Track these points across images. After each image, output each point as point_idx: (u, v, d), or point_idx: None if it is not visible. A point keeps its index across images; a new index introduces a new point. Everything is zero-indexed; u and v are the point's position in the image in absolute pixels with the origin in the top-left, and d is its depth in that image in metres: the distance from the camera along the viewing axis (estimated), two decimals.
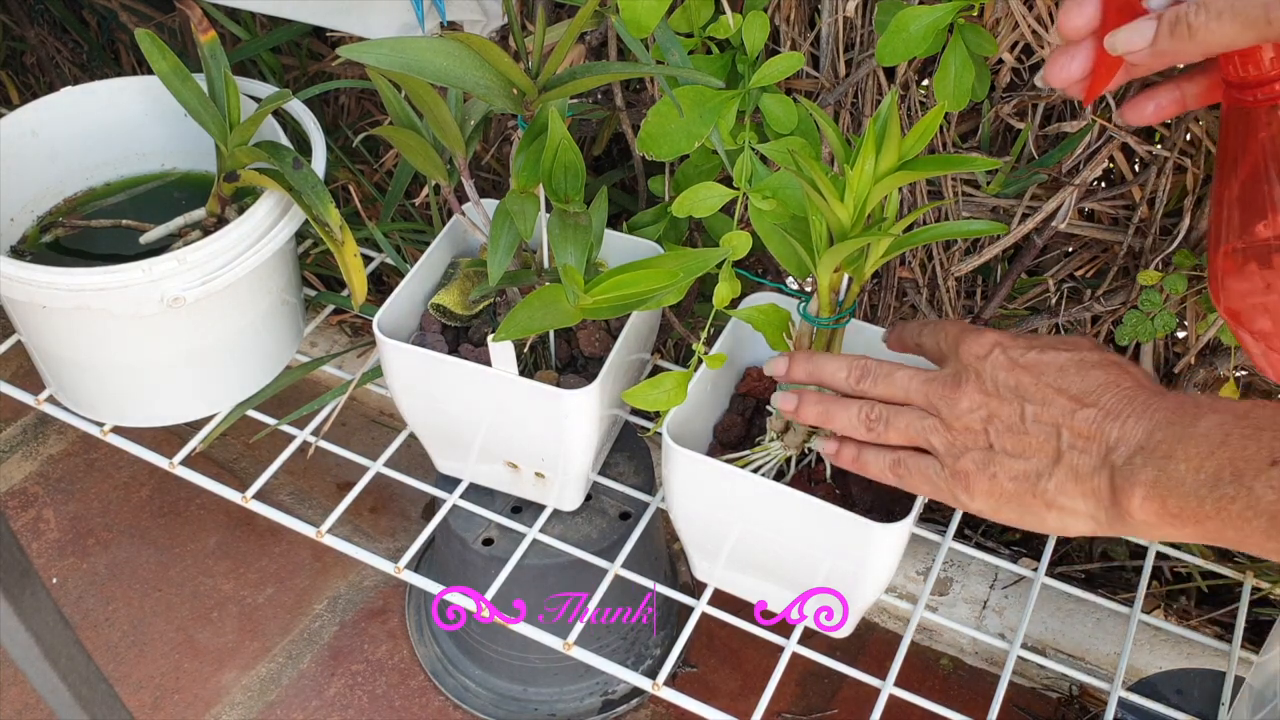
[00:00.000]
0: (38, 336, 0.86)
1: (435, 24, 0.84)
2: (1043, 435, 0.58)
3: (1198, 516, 0.52)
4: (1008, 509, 0.60)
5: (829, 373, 0.67)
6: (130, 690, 1.08)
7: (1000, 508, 0.60)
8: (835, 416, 0.66)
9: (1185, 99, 0.58)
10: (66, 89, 0.92)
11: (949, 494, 0.62)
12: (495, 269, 0.73)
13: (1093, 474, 0.56)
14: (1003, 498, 0.60)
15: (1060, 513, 0.58)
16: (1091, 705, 1.06)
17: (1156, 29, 0.52)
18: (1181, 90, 0.58)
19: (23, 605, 0.55)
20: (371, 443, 1.27)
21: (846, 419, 0.65)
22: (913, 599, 1.07)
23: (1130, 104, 0.59)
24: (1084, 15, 0.55)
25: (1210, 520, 0.52)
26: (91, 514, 1.22)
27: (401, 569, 0.83)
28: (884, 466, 0.65)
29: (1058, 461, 0.58)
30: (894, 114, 0.60)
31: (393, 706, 1.08)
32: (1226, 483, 0.51)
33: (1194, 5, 0.50)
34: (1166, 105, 0.58)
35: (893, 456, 0.64)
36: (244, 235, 0.81)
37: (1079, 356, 0.60)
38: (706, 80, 0.74)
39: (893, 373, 0.64)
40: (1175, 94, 0.58)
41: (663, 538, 1.05)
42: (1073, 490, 0.57)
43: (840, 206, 0.63)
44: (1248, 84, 0.53)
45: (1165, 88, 0.58)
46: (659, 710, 1.07)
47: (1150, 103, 0.58)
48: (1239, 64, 0.53)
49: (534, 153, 0.71)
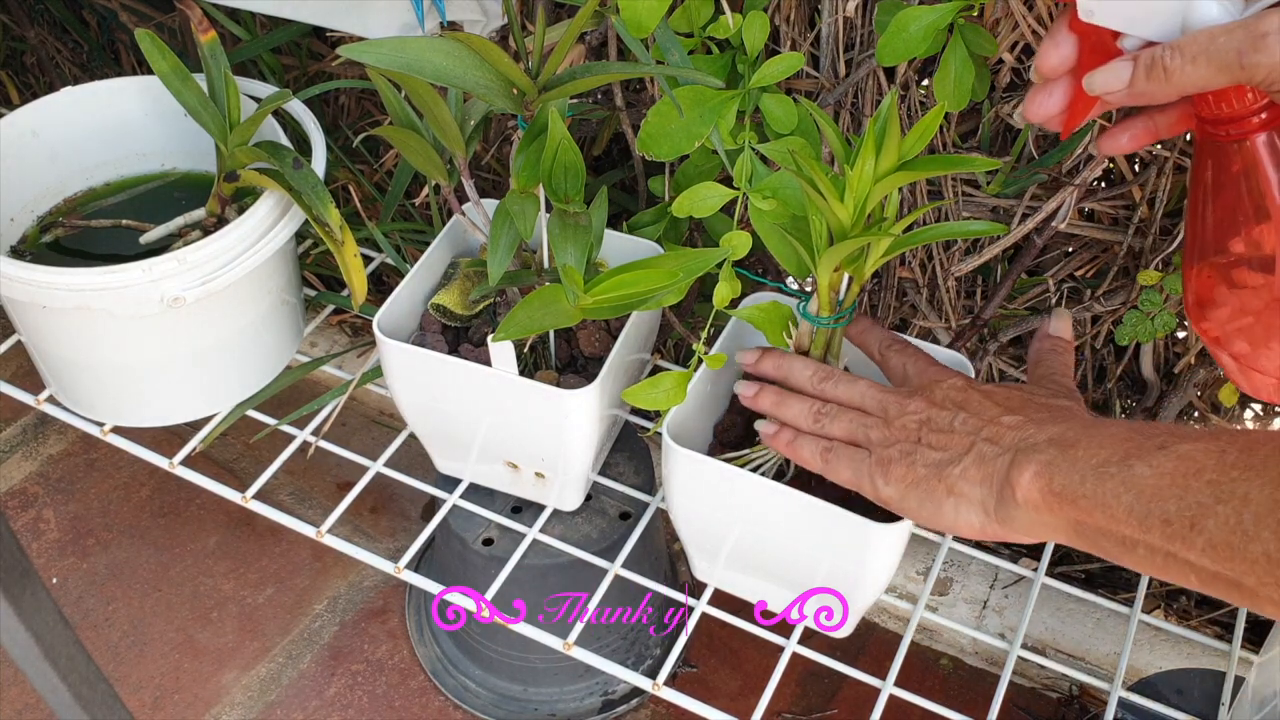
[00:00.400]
0: (38, 336, 0.86)
1: (435, 24, 0.84)
2: (964, 432, 0.62)
3: (1075, 496, 0.54)
4: (913, 495, 0.62)
5: (795, 371, 0.71)
6: (130, 690, 1.08)
7: (907, 494, 0.63)
8: (788, 406, 0.70)
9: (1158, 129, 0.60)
10: (66, 89, 0.92)
11: (868, 480, 0.65)
12: (495, 269, 0.73)
13: (995, 459, 0.59)
14: (913, 483, 0.62)
15: (956, 500, 0.60)
16: (1091, 705, 1.06)
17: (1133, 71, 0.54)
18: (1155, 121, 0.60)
19: (23, 605, 0.55)
20: (371, 443, 1.27)
21: (798, 410, 0.69)
22: (913, 599, 1.07)
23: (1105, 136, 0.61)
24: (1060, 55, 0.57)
25: (1085, 500, 0.53)
26: (91, 514, 1.22)
27: (401, 569, 0.83)
28: (815, 451, 0.68)
29: (968, 451, 0.61)
30: (894, 114, 0.61)
31: (393, 706, 1.08)
32: (1113, 464, 0.53)
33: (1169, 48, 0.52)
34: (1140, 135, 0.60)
35: (825, 444, 0.68)
36: (244, 235, 0.81)
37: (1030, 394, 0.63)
38: (706, 80, 0.74)
39: (855, 381, 0.68)
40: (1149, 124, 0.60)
41: (663, 538, 1.05)
42: (974, 475, 0.60)
43: (840, 206, 0.63)
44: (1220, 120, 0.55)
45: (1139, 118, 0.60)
46: (659, 710, 1.07)
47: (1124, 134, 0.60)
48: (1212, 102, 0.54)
49: (534, 153, 0.71)
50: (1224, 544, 0.47)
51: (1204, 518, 0.48)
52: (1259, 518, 0.46)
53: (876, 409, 0.66)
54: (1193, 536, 0.49)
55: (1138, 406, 0.98)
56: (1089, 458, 0.54)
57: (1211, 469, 0.49)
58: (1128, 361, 0.96)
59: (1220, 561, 0.48)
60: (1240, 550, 0.47)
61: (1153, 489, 0.50)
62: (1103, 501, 0.52)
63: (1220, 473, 0.49)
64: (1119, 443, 0.54)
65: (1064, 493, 0.54)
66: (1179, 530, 0.49)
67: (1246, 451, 0.49)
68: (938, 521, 0.62)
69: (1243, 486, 0.47)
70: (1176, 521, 0.49)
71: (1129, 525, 0.51)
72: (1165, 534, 0.50)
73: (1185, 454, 0.50)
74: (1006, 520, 0.58)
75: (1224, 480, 0.48)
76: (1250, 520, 0.47)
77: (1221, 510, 0.48)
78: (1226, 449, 0.49)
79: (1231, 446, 0.49)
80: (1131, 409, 0.99)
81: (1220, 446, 0.50)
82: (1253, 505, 0.47)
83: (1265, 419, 1.02)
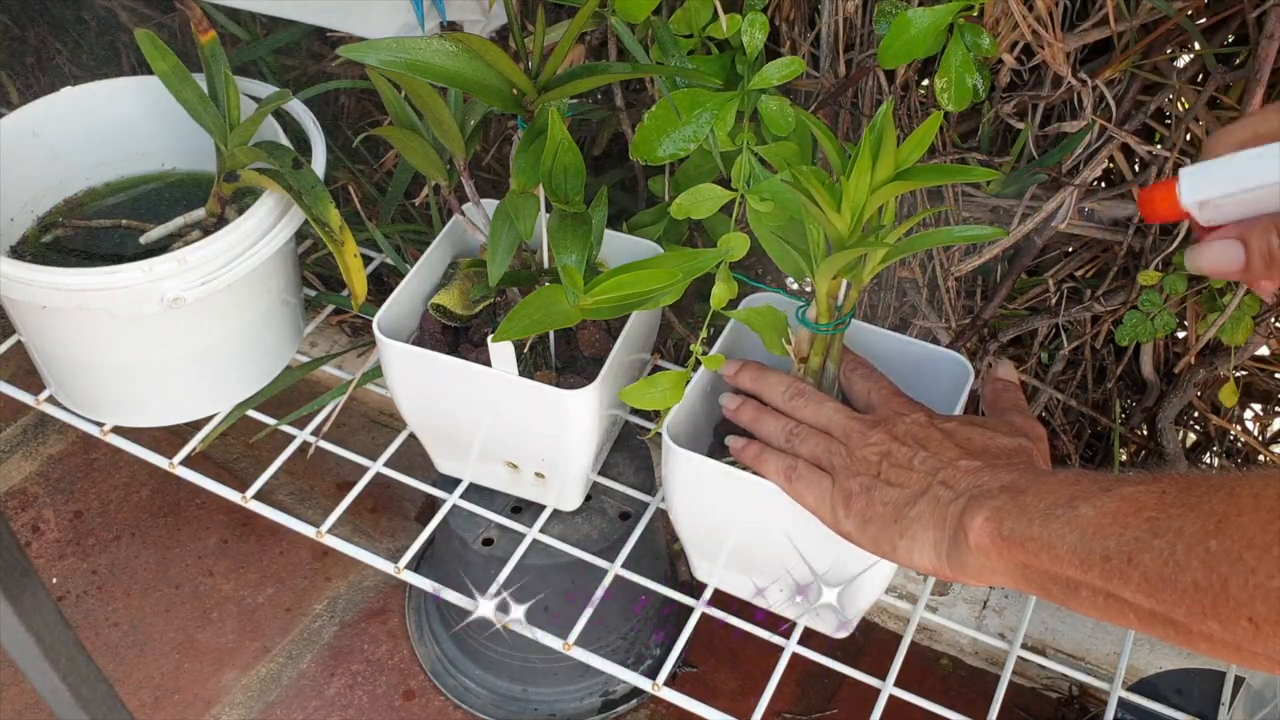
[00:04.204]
0: (38, 336, 0.86)
1: (435, 24, 0.84)
2: (923, 472, 0.63)
3: (1023, 539, 0.55)
4: (870, 530, 0.64)
5: (769, 386, 0.72)
6: (130, 690, 1.08)
7: (864, 528, 0.64)
8: (765, 423, 0.71)
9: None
10: (66, 89, 0.92)
11: (829, 508, 0.66)
12: (495, 269, 0.73)
13: (949, 504, 0.60)
14: (871, 520, 0.63)
15: (910, 541, 0.62)
16: (1091, 705, 1.06)
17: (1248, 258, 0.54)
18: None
19: (23, 605, 0.55)
20: (371, 443, 1.27)
21: (773, 427, 0.71)
22: (913, 599, 1.07)
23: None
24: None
25: (1032, 542, 0.54)
26: (91, 514, 1.22)
27: (402, 569, 0.83)
28: (780, 468, 0.69)
29: (924, 493, 0.62)
30: (889, 124, 0.60)
31: (393, 706, 1.08)
32: (1060, 507, 0.54)
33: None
34: None
35: (790, 462, 0.69)
36: (244, 235, 0.81)
37: (991, 433, 0.65)
38: (704, 82, 0.74)
39: (823, 402, 0.70)
40: None
41: (663, 538, 1.05)
42: (928, 519, 0.61)
43: (837, 216, 0.63)
44: None
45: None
46: (659, 710, 1.07)
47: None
48: None
49: (534, 153, 0.71)
50: (1157, 576, 0.48)
51: (1140, 552, 0.49)
52: (1189, 548, 0.47)
53: (841, 434, 0.67)
54: (1129, 571, 0.49)
55: (1138, 406, 0.98)
56: (1037, 502, 0.55)
57: (1152, 507, 0.50)
58: (1128, 361, 0.96)
59: (1154, 595, 0.48)
60: (1171, 581, 0.47)
61: (1094, 528, 0.51)
62: (1048, 543, 0.53)
63: (1159, 510, 0.49)
64: (1067, 486, 0.55)
65: (1012, 537, 0.55)
66: (1117, 566, 0.50)
67: (1185, 490, 0.49)
68: (893, 558, 0.63)
69: (1178, 521, 0.48)
70: (1115, 557, 0.50)
71: (1071, 566, 0.52)
72: (1104, 571, 0.50)
73: (1128, 495, 0.51)
74: (958, 565, 0.59)
75: (1161, 516, 0.49)
76: (1182, 551, 0.47)
77: (1157, 544, 0.48)
78: (1167, 489, 0.50)
79: (1172, 486, 0.50)
80: (1131, 409, 0.99)
81: (1162, 487, 0.50)
82: (1185, 537, 0.47)
83: (1265, 418, 1.02)
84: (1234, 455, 1.03)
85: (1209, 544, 0.46)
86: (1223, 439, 1.02)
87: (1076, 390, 0.99)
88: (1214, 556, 0.46)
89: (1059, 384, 0.98)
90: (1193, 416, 1.01)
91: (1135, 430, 1.01)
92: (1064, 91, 0.78)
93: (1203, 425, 1.02)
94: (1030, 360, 0.97)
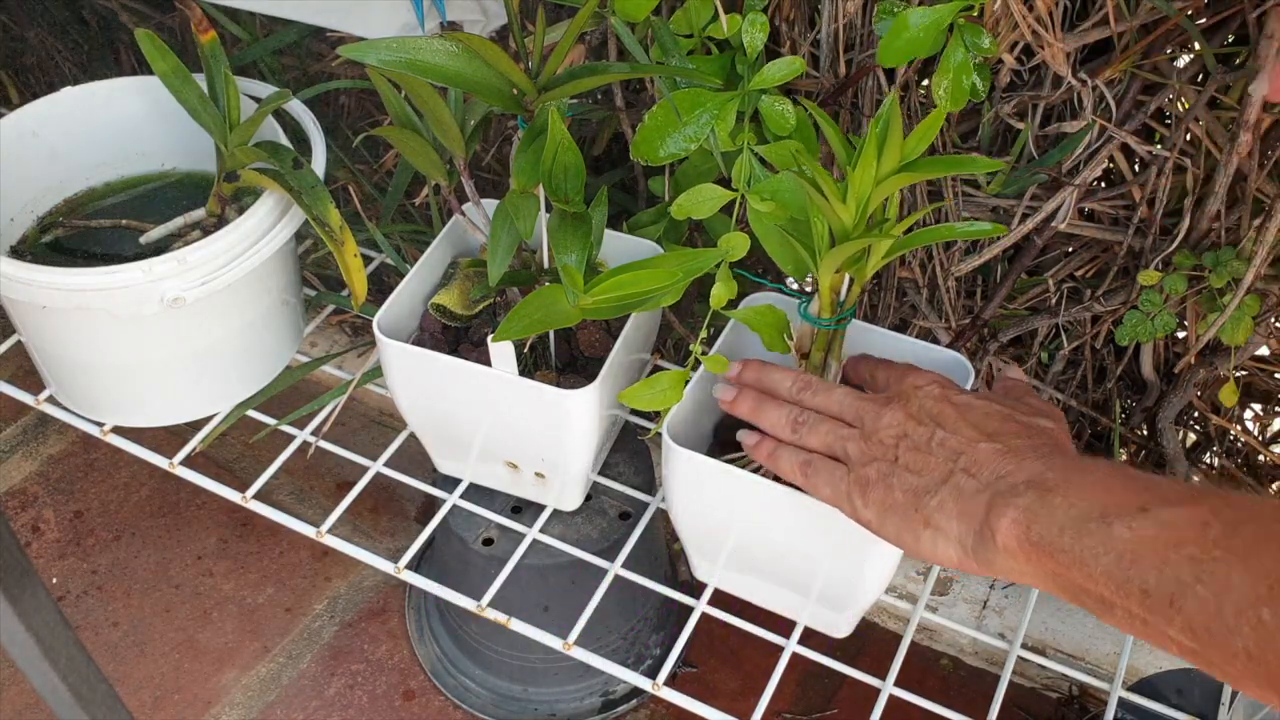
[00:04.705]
0: (38, 336, 0.86)
1: (435, 24, 0.84)
2: (942, 457, 0.60)
3: (1054, 549, 0.53)
4: (891, 520, 0.61)
5: (775, 380, 0.70)
6: (130, 690, 1.08)
7: (885, 518, 0.61)
8: (766, 413, 0.69)
9: None
10: (66, 89, 0.92)
11: (846, 499, 0.63)
12: (495, 269, 0.73)
13: (974, 495, 0.58)
14: (891, 509, 0.61)
15: (934, 532, 0.59)
16: (1091, 705, 1.06)
17: None
18: None
19: (23, 605, 0.55)
20: (371, 443, 1.27)
21: (776, 417, 0.68)
22: (913, 599, 1.07)
23: None
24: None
25: (1064, 554, 0.52)
26: (91, 514, 1.22)
27: (402, 569, 0.83)
28: (795, 464, 0.66)
29: (946, 481, 0.59)
30: (896, 116, 0.61)
31: (393, 706, 1.08)
32: (1092, 520, 0.52)
33: None
34: None
35: (804, 457, 0.66)
36: (244, 235, 0.81)
37: (1010, 410, 0.62)
38: (704, 82, 0.74)
39: (832, 389, 0.67)
40: None
41: (663, 538, 1.05)
42: (951, 509, 0.58)
43: (843, 208, 0.63)
44: None
45: None
46: (659, 710, 1.07)
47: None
48: None
49: (534, 153, 0.71)
50: (1203, 629, 0.46)
51: (1183, 597, 0.47)
52: (1239, 611, 0.45)
53: (853, 418, 0.65)
54: (1171, 614, 0.47)
55: (1138, 406, 0.98)
56: (1067, 507, 0.53)
57: (1192, 541, 0.48)
58: (1128, 361, 0.96)
59: (1200, 644, 0.46)
60: (1221, 641, 0.45)
61: (1131, 555, 0.49)
62: (1080, 559, 0.51)
63: (1201, 549, 0.47)
64: (1098, 493, 0.53)
65: (1041, 544, 0.53)
66: (1158, 604, 0.48)
67: (1230, 530, 0.47)
68: (916, 550, 0.61)
69: (1223, 568, 0.46)
70: (1155, 595, 0.48)
71: (1107, 588, 0.50)
72: (1144, 604, 0.49)
73: (1166, 521, 0.49)
74: (986, 562, 0.57)
75: (1204, 558, 0.47)
76: (1231, 612, 0.45)
77: (1201, 591, 0.46)
78: (1210, 521, 0.48)
79: (1215, 519, 0.48)
80: (1131, 409, 0.99)
81: (1203, 517, 0.48)
82: (1234, 594, 0.45)
83: (1265, 418, 1.02)
84: (1234, 455, 1.03)
85: (1261, 612, 0.44)
86: (1223, 439, 1.02)
87: (1076, 390, 0.99)
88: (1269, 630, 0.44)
89: (1059, 384, 0.98)
90: (1193, 416, 1.01)
91: (1135, 430, 1.01)
92: (1064, 91, 0.78)
93: (1203, 425, 1.02)
94: (1030, 360, 0.97)
